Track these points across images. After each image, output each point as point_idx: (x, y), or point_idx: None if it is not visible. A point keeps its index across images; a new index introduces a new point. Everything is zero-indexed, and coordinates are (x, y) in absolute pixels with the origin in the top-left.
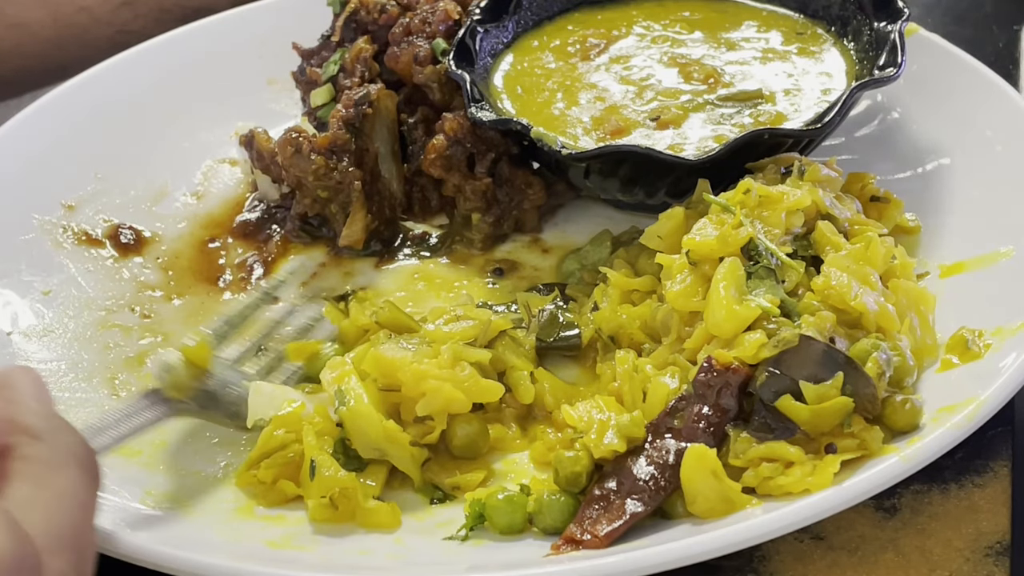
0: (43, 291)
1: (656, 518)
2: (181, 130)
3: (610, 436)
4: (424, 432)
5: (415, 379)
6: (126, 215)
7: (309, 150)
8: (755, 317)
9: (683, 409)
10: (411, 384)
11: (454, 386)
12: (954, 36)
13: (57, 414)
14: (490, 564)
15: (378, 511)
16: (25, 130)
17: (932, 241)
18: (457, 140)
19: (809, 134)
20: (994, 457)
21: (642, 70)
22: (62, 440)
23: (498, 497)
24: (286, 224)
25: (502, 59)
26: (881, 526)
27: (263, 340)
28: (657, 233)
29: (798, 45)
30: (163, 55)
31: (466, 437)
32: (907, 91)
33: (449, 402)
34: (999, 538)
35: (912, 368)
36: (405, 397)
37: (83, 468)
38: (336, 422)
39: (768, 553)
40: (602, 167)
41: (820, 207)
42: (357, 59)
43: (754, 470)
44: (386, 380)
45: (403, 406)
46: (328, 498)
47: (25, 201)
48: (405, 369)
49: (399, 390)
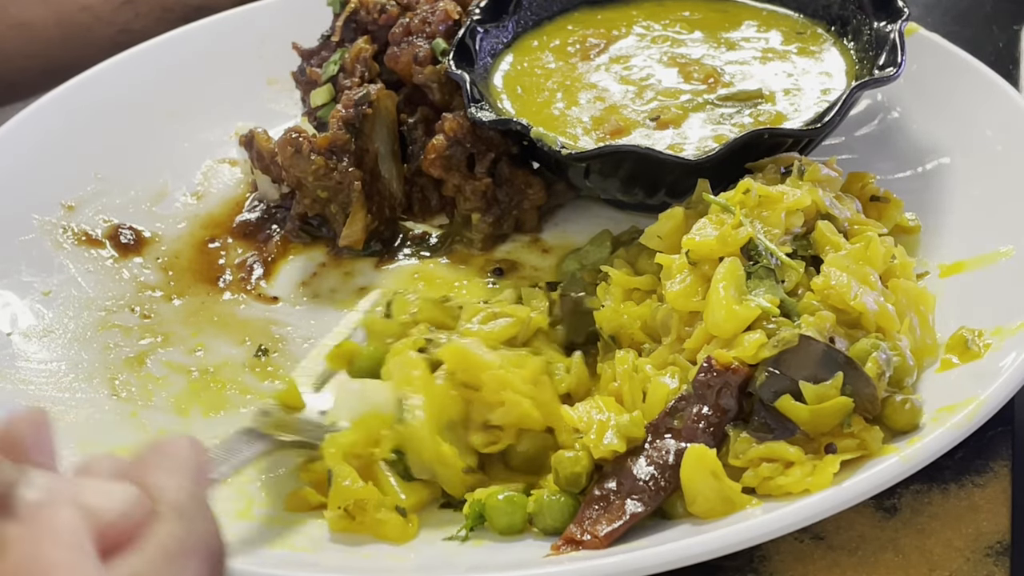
0: (43, 291)
1: (656, 518)
2: (181, 130)
3: (610, 436)
4: (489, 441)
5: (497, 385)
6: (126, 215)
7: (309, 150)
8: (755, 317)
9: (683, 409)
10: (492, 388)
11: (534, 406)
12: (954, 36)
13: (206, 498)
14: (490, 564)
15: (389, 523)
16: (25, 130)
17: (932, 241)
18: (457, 140)
19: (809, 134)
20: (994, 457)
21: (642, 70)
22: (200, 527)
23: (498, 497)
24: (286, 224)
25: (502, 59)
26: (881, 526)
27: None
28: (657, 233)
29: (798, 45)
30: (162, 55)
31: (531, 454)
32: (907, 91)
33: (524, 419)
34: (999, 538)
35: (912, 368)
36: (481, 398)
37: (210, 563)
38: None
39: (768, 553)
40: (602, 167)
41: (820, 207)
42: (357, 59)
43: (754, 470)
44: (467, 376)
45: (475, 406)
46: (344, 509)
47: (25, 201)
48: (490, 372)
49: (478, 389)
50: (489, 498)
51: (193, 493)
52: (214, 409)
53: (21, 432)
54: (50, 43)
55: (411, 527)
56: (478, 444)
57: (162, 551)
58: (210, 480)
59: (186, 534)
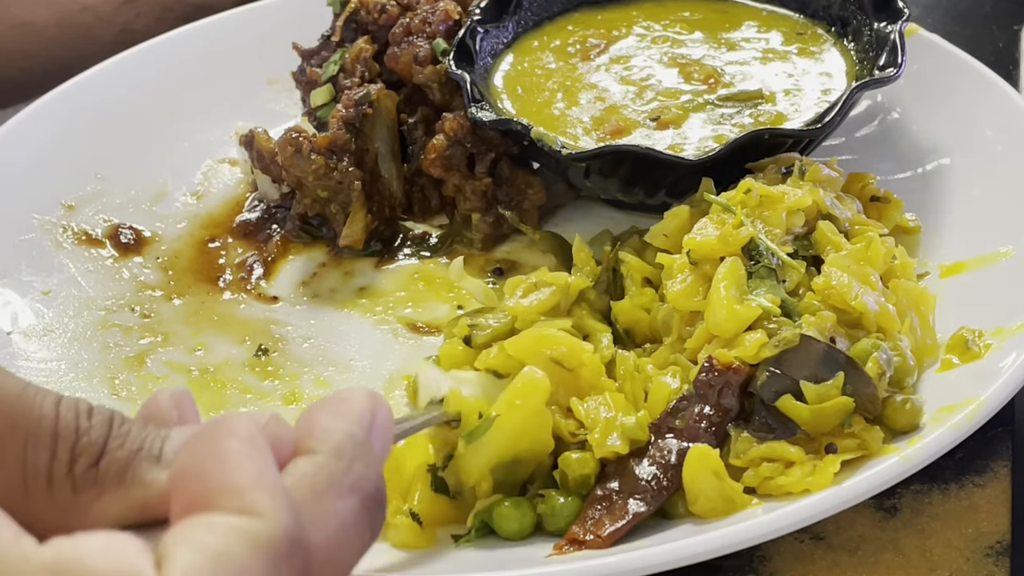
0: (43, 291)
1: (657, 518)
2: (181, 130)
3: (613, 438)
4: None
5: (595, 373)
6: (126, 215)
7: (309, 150)
8: (756, 317)
9: (684, 409)
10: (589, 374)
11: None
12: (954, 36)
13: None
14: (492, 564)
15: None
16: (25, 130)
17: (932, 241)
18: (457, 140)
19: (809, 134)
20: (994, 457)
21: (642, 70)
22: (358, 470)
23: (505, 504)
24: (286, 224)
25: (502, 59)
26: (881, 526)
27: None
28: (663, 231)
29: (798, 45)
30: (162, 55)
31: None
32: (907, 91)
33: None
34: (999, 538)
35: (912, 368)
36: (575, 380)
37: (365, 507)
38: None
39: (768, 553)
40: (602, 167)
41: (820, 207)
42: (357, 59)
43: (754, 470)
44: (564, 357)
45: (566, 386)
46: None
47: (25, 201)
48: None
49: (573, 371)
50: (495, 505)
51: (355, 437)
52: (214, 409)
53: (165, 406)
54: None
55: (425, 535)
56: (564, 426)
57: (310, 483)
58: (383, 430)
59: (341, 473)
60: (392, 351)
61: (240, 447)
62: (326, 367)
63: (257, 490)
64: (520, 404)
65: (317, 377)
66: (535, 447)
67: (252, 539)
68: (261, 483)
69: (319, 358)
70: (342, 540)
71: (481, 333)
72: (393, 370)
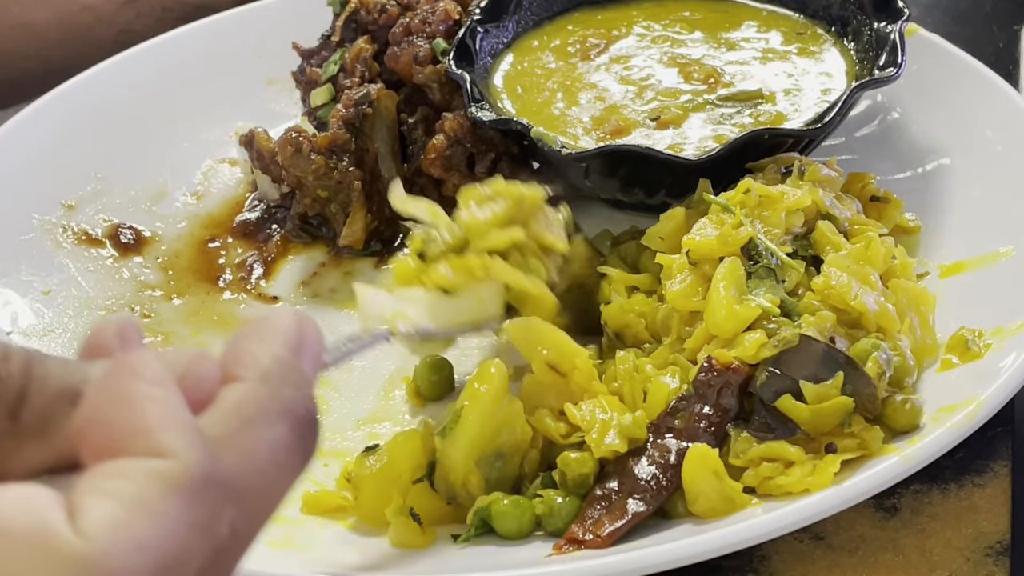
0: (43, 291)
1: (656, 518)
2: (181, 130)
3: (611, 436)
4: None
5: (586, 377)
6: (126, 215)
7: (309, 150)
8: (755, 317)
9: (684, 409)
10: (581, 378)
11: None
12: (954, 36)
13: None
14: (492, 564)
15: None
16: (25, 130)
17: (932, 241)
18: (457, 140)
19: (809, 134)
20: (994, 457)
21: (642, 70)
22: (287, 393)
23: (503, 503)
24: (286, 224)
25: (502, 59)
26: (881, 526)
27: None
28: (659, 234)
29: (798, 45)
30: (162, 55)
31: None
32: (907, 91)
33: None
34: (999, 538)
35: (912, 368)
36: (567, 384)
37: (296, 432)
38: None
39: (768, 553)
40: (602, 167)
41: (820, 207)
42: (357, 59)
43: (754, 470)
44: (558, 360)
45: (558, 390)
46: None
47: (25, 201)
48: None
49: (567, 375)
50: (494, 504)
51: (282, 360)
52: None
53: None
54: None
55: (426, 536)
56: (555, 429)
57: (237, 412)
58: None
59: (268, 398)
60: (392, 351)
61: (145, 388)
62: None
63: (164, 430)
64: (483, 391)
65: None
66: (513, 438)
67: (163, 481)
68: (168, 422)
69: None
70: (273, 468)
71: (435, 248)
72: (393, 370)
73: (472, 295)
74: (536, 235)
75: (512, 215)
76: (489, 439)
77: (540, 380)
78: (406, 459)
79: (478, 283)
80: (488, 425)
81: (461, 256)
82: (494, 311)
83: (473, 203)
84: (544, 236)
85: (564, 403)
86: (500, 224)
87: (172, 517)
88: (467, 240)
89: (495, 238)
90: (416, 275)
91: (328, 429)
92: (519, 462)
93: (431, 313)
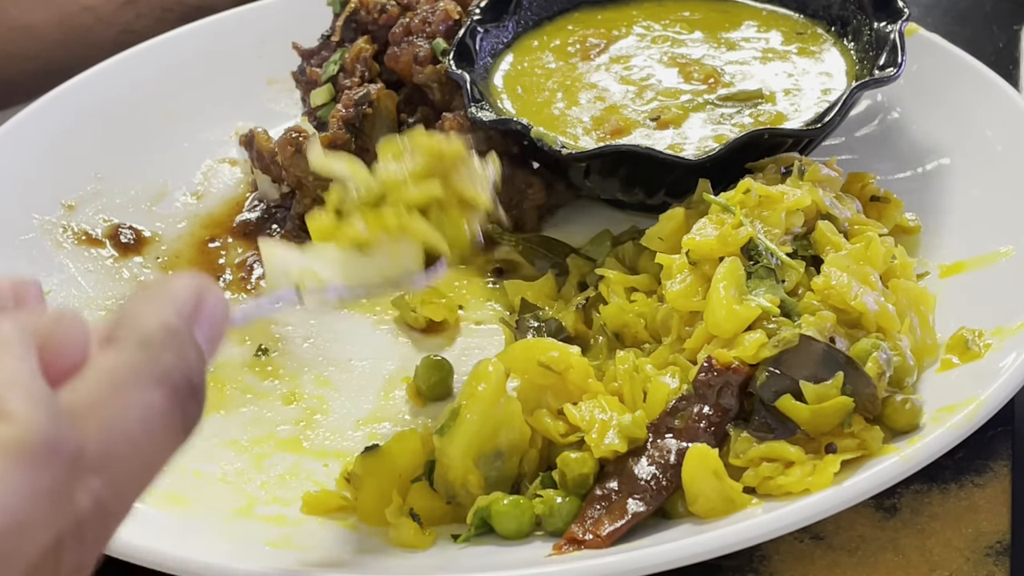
0: (43, 291)
1: (656, 518)
2: (181, 130)
3: (611, 436)
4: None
5: (582, 375)
6: (126, 215)
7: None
8: (755, 317)
9: (684, 409)
10: (577, 377)
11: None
12: (954, 36)
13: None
14: (492, 564)
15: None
16: (25, 130)
17: (932, 241)
18: None
19: (809, 134)
20: (994, 457)
21: (642, 70)
22: (168, 360)
23: (503, 502)
24: (286, 224)
25: (502, 59)
26: (881, 526)
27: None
28: (658, 235)
29: (798, 45)
30: (163, 55)
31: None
32: (907, 91)
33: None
34: (999, 538)
35: (912, 368)
36: (564, 383)
37: (174, 400)
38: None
39: (768, 553)
40: (602, 167)
41: (820, 207)
42: (357, 59)
43: (754, 470)
44: (552, 361)
45: (555, 390)
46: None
47: (25, 201)
48: (576, 362)
49: (562, 374)
50: (494, 504)
51: (169, 325)
52: (214, 408)
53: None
54: (51, 44)
55: (426, 536)
56: (553, 429)
57: (108, 377)
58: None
59: (145, 364)
60: (392, 351)
61: None
62: (326, 367)
63: (8, 393)
64: (481, 390)
65: (317, 377)
66: (512, 437)
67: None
68: (13, 385)
69: (319, 358)
70: (144, 435)
71: (351, 204)
72: (393, 370)
73: (388, 251)
74: (457, 189)
75: (431, 168)
76: (487, 438)
77: (537, 380)
78: (406, 459)
79: (394, 238)
80: (486, 424)
81: (378, 211)
82: (412, 266)
83: (391, 156)
84: (465, 190)
85: (562, 403)
86: (418, 178)
87: (8, 483)
88: (384, 194)
89: (412, 193)
90: (332, 231)
91: (328, 429)
92: (518, 461)
93: (344, 271)
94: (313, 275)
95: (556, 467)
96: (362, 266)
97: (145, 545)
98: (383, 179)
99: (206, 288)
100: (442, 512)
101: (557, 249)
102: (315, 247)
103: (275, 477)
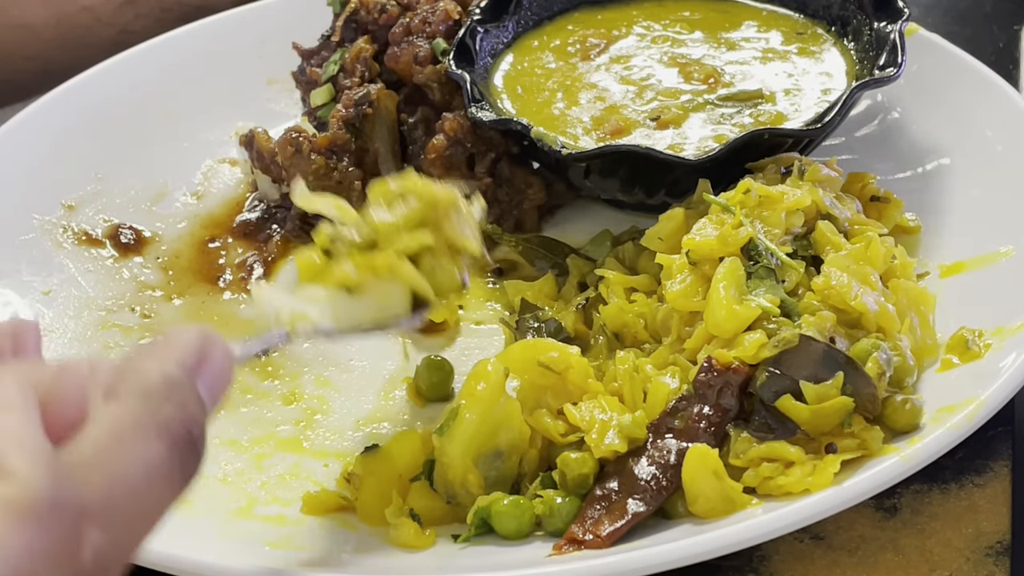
0: (43, 291)
1: (656, 518)
2: (181, 130)
3: (611, 436)
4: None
5: (582, 375)
6: (126, 215)
7: (309, 150)
8: (755, 317)
9: (684, 409)
10: (576, 377)
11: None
12: (954, 36)
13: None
14: (492, 564)
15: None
16: (25, 130)
17: (932, 241)
18: (457, 140)
19: (809, 134)
20: (994, 457)
21: (642, 70)
22: (168, 411)
23: (503, 503)
24: (286, 224)
25: (502, 59)
26: (881, 526)
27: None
28: (658, 235)
29: (798, 45)
30: (162, 55)
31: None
32: (907, 91)
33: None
34: (999, 538)
35: (912, 368)
36: (563, 383)
37: (174, 451)
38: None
39: (768, 553)
40: (602, 167)
41: (820, 207)
42: (357, 59)
43: (754, 470)
44: (552, 362)
45: (555, 390)
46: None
47: (25, 201)
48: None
49: (562, 374)
50: (494, 504)
51: (170, 377)
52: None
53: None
54: (50, 44)
55: (426, 536)
56: (553, 428)
57: (109, 431)
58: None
59: (145, 414)
60: (392, 351)
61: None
62: (326, 367)
63: (10, 451)
64: (480, 390)
65: (317, 377)
66: (512, 436)
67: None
68: (15, 442)
69: (319, 358)
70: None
71: (342, 247)
72: (393, 370)
73: (376, 294)
74: (448, 236)
75: (424, 217)
76: (487, 437)
77: (537, 380)
78: (406, 459)
79: (382, 282)
80: (485, 423)
81: (368, 255)
82: (399, 310)
83: (383, 202)
84: (456, 237)
85: (562, 403)
86: (411, 226)
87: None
88: (376, 240)
89: (405, 241)
90: (320, 271)
91: (328, 429)
92: (518, 461)
93: (332, 312)
94: (303, 317)
95: (556, 467)
96: (350, 308)
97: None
98: (374, 225)
99: (210, 340)
100: (442, 512)
101: (557, 249)
102: (304, 289)
103: (275, 477)
